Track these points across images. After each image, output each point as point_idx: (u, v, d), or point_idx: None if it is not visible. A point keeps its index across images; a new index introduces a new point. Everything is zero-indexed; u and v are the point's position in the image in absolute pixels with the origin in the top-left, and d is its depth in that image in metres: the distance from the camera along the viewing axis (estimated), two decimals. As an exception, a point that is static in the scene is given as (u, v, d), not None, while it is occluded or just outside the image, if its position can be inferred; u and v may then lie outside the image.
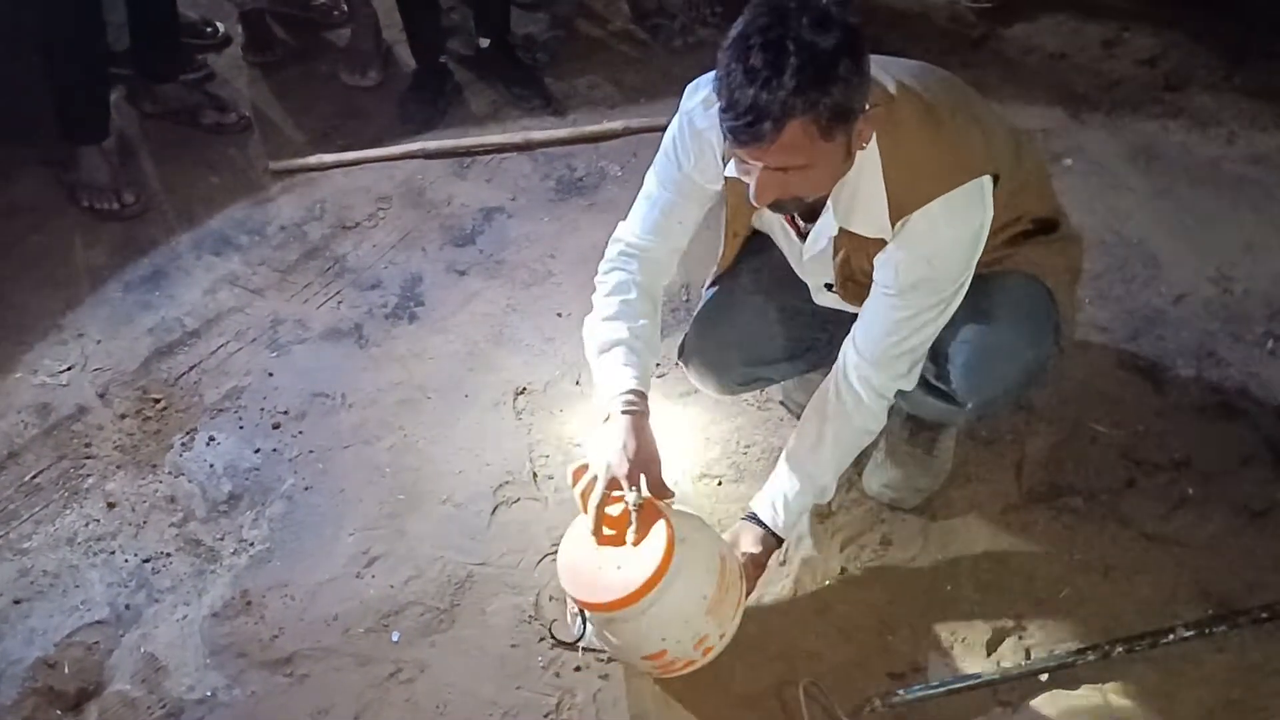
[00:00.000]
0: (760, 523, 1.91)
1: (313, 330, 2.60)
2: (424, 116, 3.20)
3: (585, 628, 1.82)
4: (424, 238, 2.85)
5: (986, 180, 1.68)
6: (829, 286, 1.89)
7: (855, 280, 1.82)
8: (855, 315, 1.94)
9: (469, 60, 3.40)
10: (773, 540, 1.91)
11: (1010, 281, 1.86)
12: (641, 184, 1.95)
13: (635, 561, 1.73)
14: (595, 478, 1.80)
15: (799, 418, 2.28)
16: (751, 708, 1.89)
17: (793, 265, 1.99)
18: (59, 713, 1.92)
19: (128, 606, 2.06)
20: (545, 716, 1.89)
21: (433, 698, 1.92)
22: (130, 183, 2.93)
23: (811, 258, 1.86)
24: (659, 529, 1.75)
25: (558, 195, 2.97)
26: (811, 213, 1.79)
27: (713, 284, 2.10)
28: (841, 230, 1.75)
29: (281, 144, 3.15)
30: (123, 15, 3.00)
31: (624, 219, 1.98)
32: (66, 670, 1.97)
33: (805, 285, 2.01)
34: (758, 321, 2.03)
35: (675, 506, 1.85)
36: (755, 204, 1.64)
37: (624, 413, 1.82)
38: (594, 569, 1.76)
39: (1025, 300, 1.87)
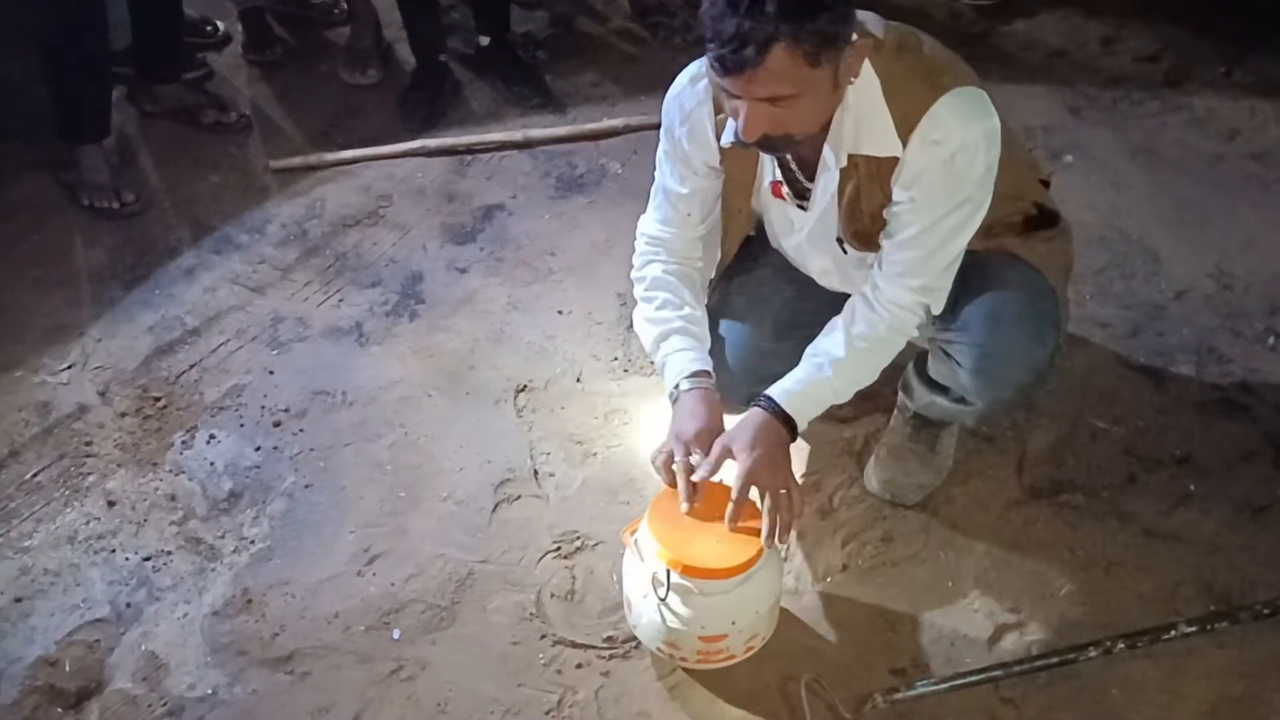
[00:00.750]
0: (777, 408, 1.82)
1: (313, 328, 2.60)
2: (424, 115, 3.20)
3: (668, 593, 1.78)
4: (424, 236, 2.85)
5: (983, 93, 1.70)
6: (840, 242, 1.86)
7: (866, 229, 1.80)
8: None
9: (469, 58, 3.40)
10: (786, 430, 1.83)
11: (1016, 278, 1.86)
12: (647, 179, 1.98)
13: (733, 539, 1.76)
14: (670, 449, 1.82)
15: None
16: (754, 705, 1.89)
17: (791, 252, 1.99)
18: (60, 711, 1.91)
19: (128, 605, 2.06)
20: (547, 714, 1.89)
21: (434, 695, 1.92)
22: (130, 182, 2.93)
23: (817, 220, 1.84)
24: (755, 515, 1.80)
25: (558, 193, 2.97)
26: (810, 171, 1.80)
27: (714, 289, 2.08)
28: (850, 162, 1.73)
29: (282, 142, 3.15)
30: (122, 14, 3.00)
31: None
32: (67, 668, 1.97)
33: (805, 293, 2.01)
34: (759, 339, 2.02)
35: None
36: (744, 140, 1.63)
37: (690, 390, 1.86)
38: (687, 539, 1.77)
39: (1031, 299, 1.86)
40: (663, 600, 1.78)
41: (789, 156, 1.80)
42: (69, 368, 2.50)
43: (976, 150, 1.69)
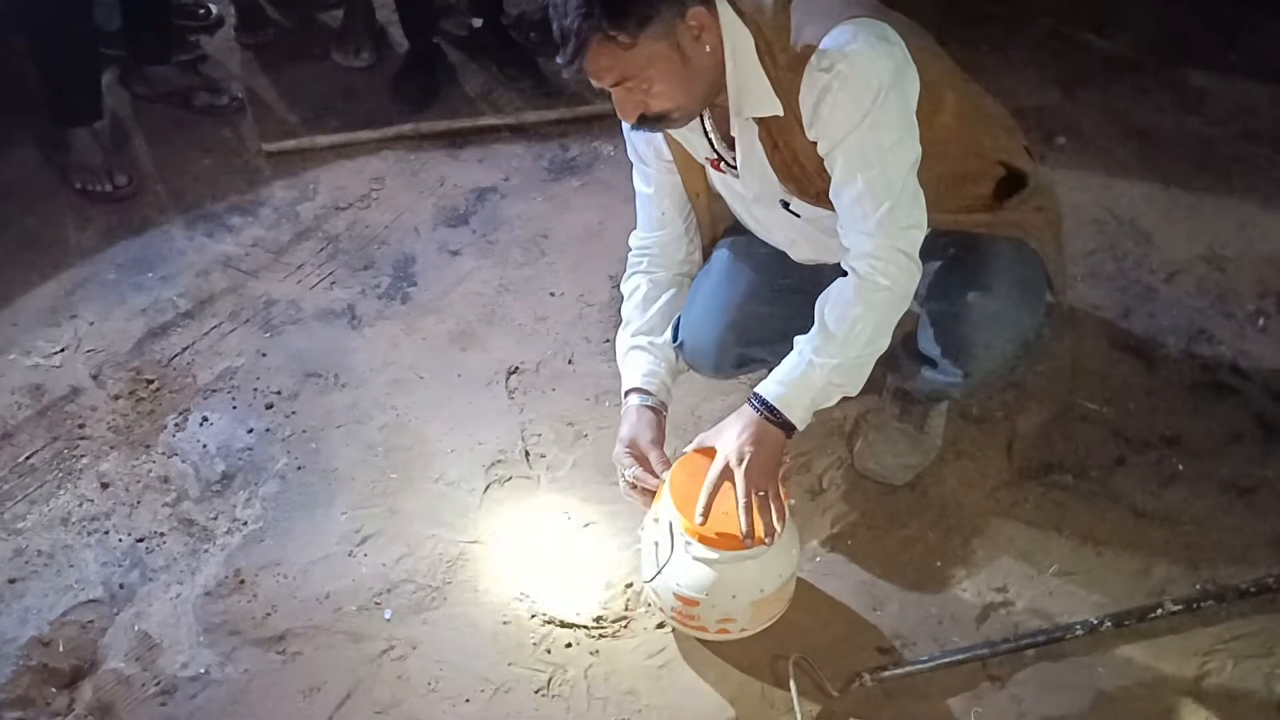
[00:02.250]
0: (763, 403, 1.78)
1: (305, 311, 2.60)
2: (417, 97, 3.19)
3: (671, 554, 1.83)
4: (417, 218, 2.85)
5: (880, 23, 1.67)
6: (786, 206, 1.86)
7: (811, 181, 1.79)
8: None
9: (461, 40, 3.39)
10: (778, 431, 1.78)
11: (999, 249, 1.87)
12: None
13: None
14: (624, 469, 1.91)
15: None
16: (742, 683, 1.90)
17: (753, 225, 2.00)
18: (54, 690, 1.92)
19: (121, 585, 2.07)
20: (537, 692, 1.90)
21: (425, 674, 1.93)
22: (123, 164, 2.93)
23: (757, 184, 1.85)
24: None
25: (550, 175, 2.97)
26: (731, 141, 1.82)
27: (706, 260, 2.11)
28: (757, 126, 1.75)
29: (274, 125, 3.14)
30: (113, -5, 3.00)
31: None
32: (61, 648, 1.98)
33: (791, 262, 2.02)
34: (749, 301, 2.03)
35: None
36: (625, 121, 1.72)
37: (631, 405, 1.96)
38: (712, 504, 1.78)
39: (1017, 267, 1.87)
40: (649, 535, 1.84)
41: (710, 131, 1.83)
42: (61, 350, 2.50)
43: (868, 65, 1.63)
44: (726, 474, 1.75)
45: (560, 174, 2.97)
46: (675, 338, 2.06)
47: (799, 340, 1.79)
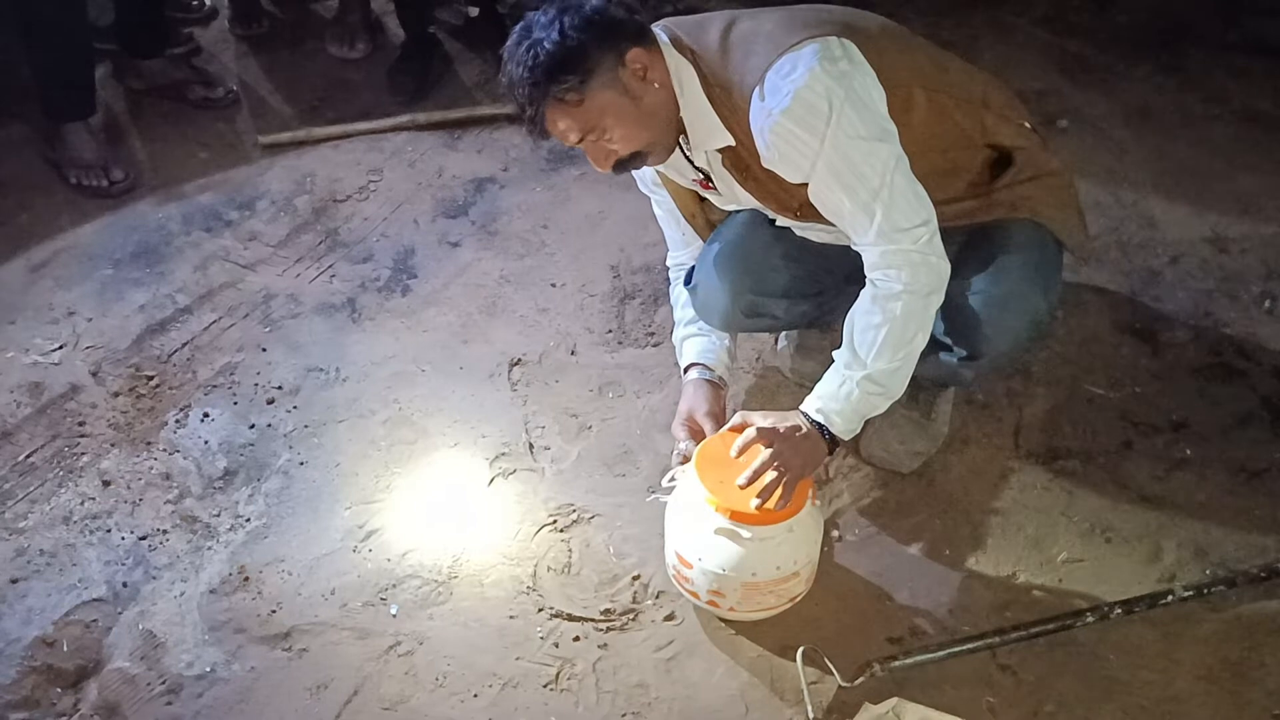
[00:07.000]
0: (805, 415, 1.82)
1: (305, 305, 2.59)
2: (413, 88, 3.17)
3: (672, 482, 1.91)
4: (416, 210, 2.83)
5: (825, 42, 1.68)
6: (771, 222, 1.92)
7: (782, 192, 1.81)
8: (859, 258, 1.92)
9: (458, 30, 3.37)
10: (824, 443, 1.81)
11: (1005, 230, 1.88)
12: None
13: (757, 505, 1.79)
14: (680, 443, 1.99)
15: (799, 384, 2.30)
16: (751, 674, 1.89)
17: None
18: (59, 691, 1.91)
19: (125, 584, 2.05)
20: (545, 686, 1.89)
21: (432, 670, 1.92)
22: (118, 159, 2.91)
23: (740, 201, 1.90)
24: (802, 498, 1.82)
25: (550, 165, 2.95)
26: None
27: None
28: (719, 155, 1.80)
29: (270, 118, 3.12)
30: (105, -12, 2.98)
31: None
32: (65, 648, 1.96)
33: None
34: (765, 252, 2.04)
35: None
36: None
37: (692, 378, 2.06)
38: (724, 476, 1.81)
39: (1031, 248, 1.88)
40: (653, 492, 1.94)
41: (691, 155, 1.86)
42: (60, 348, 2.48)
43: (812, 95, 1.65)
44: (764, 436, 1.77)
45: (559, 163, 2.95)
46: (689, 281, 2.10)
47: (836, 355, 1.82)
